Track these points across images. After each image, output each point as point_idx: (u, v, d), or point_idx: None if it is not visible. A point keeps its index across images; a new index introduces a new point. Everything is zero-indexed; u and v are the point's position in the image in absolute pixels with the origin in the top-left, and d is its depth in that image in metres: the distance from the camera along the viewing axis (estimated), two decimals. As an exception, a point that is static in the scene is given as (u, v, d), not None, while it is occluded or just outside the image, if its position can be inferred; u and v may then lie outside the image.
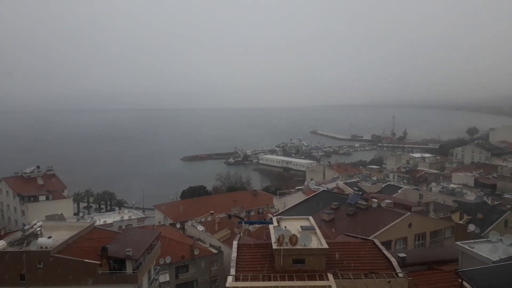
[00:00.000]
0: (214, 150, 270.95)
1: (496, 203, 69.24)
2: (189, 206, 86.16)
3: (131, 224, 78.88)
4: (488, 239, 30.03)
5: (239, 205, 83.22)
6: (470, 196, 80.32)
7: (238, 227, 58.09)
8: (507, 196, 73.19)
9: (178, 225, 70.40)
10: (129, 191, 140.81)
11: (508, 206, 61.18)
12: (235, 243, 26.58)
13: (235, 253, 25.09)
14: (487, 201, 72.78)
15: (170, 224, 76.53)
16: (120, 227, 73.98)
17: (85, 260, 34.98)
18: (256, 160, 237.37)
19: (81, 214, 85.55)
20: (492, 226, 53.26)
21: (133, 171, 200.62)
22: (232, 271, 22.96)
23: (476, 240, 31.74)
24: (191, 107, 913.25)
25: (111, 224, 75.18)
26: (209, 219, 68.60)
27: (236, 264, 23.89)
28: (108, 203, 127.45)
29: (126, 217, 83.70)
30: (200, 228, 63.48)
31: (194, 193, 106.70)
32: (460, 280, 22.45)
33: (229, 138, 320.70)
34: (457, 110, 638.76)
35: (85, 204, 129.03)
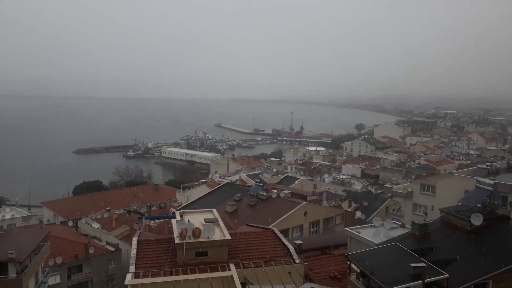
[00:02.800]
0: (112, 142, 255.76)
1: (378, 191, 77.66)
2: (83, 203, 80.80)
3: (15, 224, 70.95)
4: (372, 224, 33.50)
5: (139, 200, 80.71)
6: (357, 186, 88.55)
7: (138, 223, 55.88)
8: (387, 185, 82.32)
9: (70, 223, 65.25)
10: (11, 187, 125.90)
11: (389, 194, 68.45)
12: (134, 239, 25.58)
13: (135, 250, 24.15)
14: (371, 190, 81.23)
15: (61, 222, 70.59)
16: (1, 227, 65.92)
17: (-45, 268, 30.45)
18: (159, 153, 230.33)
19: (-51, 215, 74.07)
20: (375, 213, 59.53)
21: (16, 164, 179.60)
22: (132, 268, 22.06)
23: (362, 226, 35.20)
24: (86, 95, 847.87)
25: (-12, 225, 66.62)
26: (105, 215, 65.11)
27: (136, 260, 23.02)
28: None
29: (8, 216, 74.70)
30: (96, 225, 59.73)
31: (89, 188, 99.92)
32: (348, 263, 24.73)
33: (129, 130, 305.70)
34: (347, 108, 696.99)
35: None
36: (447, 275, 20.50)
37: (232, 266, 21.78)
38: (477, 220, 24.68)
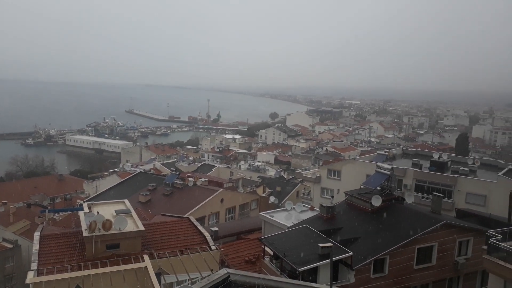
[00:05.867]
0: (8, 128, 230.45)
1: (290, 177, 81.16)
2: (-27, 196, 71.94)
3: None
4: (285, 208, 35.06)
5: (41, 192, 75.19)
6: (271, 172, 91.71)
7: (40, 217, 51.69)
8: (298, 171, 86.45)
9: (-44, 220, 57.70)
10: None
11: (299, 180, 72.10)
12: (36, 234, 23.53)
13: (37, 245, 22.23)
14: (284, 175, 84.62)
15: None
16: None
17: None
18: (62, 141, 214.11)
19: None
20: (287, 197, 62.29)
21: None
22: (34, 265, 20.31)
23: (275, 210, 36.61)
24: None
25: None
26: (1, 210, 58.85)
27: (39, 257, 21.22)
28: None
29: None
30: (-11, 221, 53.75)
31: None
32: (262, 246, 25.62)
33: (28, 115, 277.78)
34: (262, 97, 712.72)
35: None
36: (351, 253, 22.37)
37: (146, 257, 21.23)
38: (377, 201, 27.20)
